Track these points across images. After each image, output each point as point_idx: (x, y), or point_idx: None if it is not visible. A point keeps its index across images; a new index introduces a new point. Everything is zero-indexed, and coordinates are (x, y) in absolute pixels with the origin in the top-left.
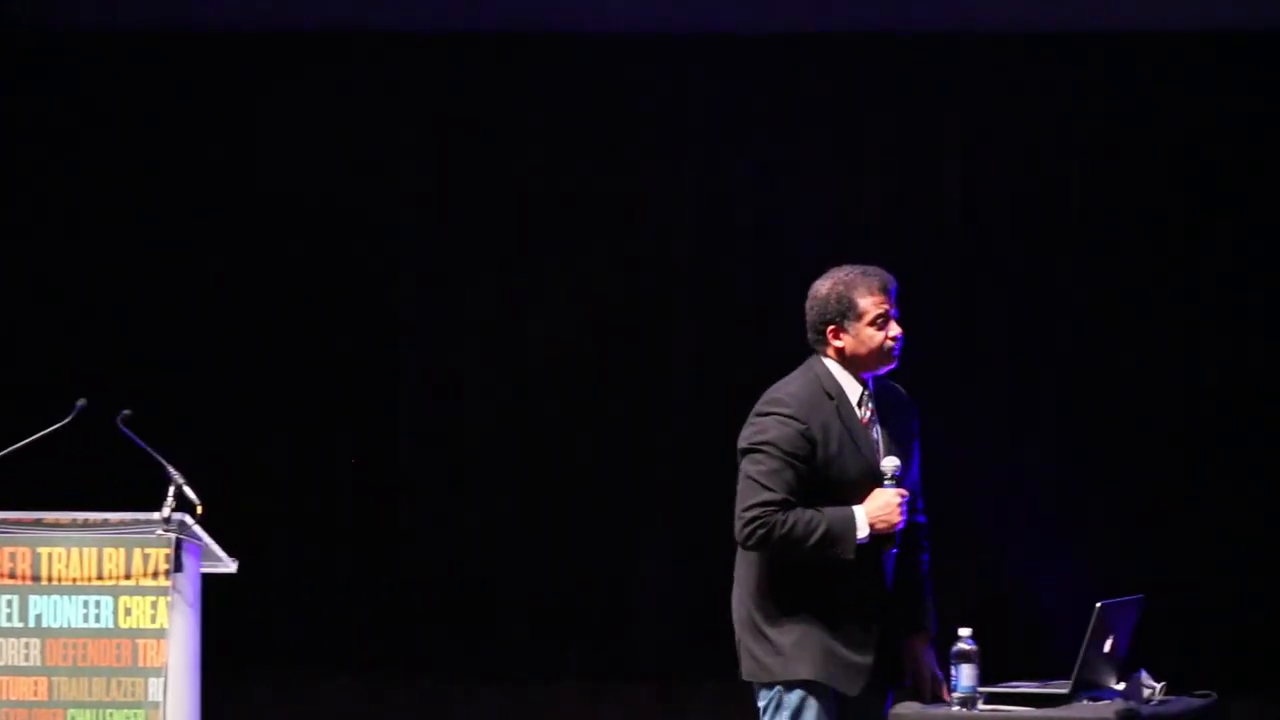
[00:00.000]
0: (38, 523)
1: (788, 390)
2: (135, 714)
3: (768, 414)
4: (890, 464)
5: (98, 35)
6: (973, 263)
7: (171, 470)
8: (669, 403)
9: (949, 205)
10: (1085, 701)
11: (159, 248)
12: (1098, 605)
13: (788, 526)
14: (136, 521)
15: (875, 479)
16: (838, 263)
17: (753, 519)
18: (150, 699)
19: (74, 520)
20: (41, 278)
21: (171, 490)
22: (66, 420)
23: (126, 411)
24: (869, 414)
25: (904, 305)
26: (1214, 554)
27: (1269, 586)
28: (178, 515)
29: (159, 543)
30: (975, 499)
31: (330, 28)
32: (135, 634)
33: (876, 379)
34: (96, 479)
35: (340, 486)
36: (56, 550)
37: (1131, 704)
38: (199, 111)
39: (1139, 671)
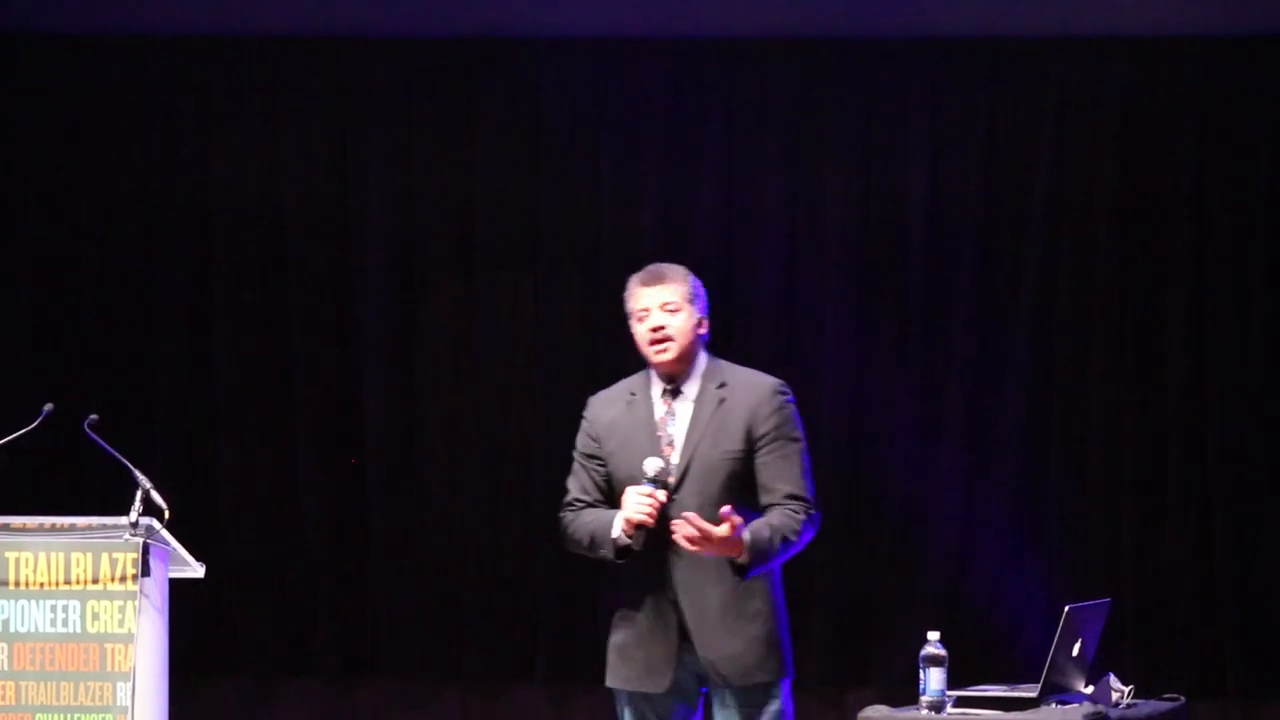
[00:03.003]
0: (5, 527)
1: (600, 392)
2: (103, 718)
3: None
4: (651, 465)
5: (55, 37)
6: (934, 271)
7: (139, 475)
8: None
9: (914, 211)
10: (1054, 705)
11: (123, 252)
12: (1066, 608)
13: (570, 529)
14: (104, 526)
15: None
16: (795, 268)
17: (557, 520)
18: (118, 704)
19: (41, 524)
20: (5, 282)
21: (139, 495)
22: (34, 425)
23: (94, 416)
24: (667, 411)
25: (864, 310)
26: (1181, 557)
27: (1236, 589)
28: (145, 520)
29: (127, 547)
30: (942, 501)
31: (285, 33)
32: (103, 638)
33: (724, 371)
34: (64, 483)
35: (306, 491)
36: (24, 555)
37: (1100, 707)
38: (160, 115)
39: (1107, 675)
